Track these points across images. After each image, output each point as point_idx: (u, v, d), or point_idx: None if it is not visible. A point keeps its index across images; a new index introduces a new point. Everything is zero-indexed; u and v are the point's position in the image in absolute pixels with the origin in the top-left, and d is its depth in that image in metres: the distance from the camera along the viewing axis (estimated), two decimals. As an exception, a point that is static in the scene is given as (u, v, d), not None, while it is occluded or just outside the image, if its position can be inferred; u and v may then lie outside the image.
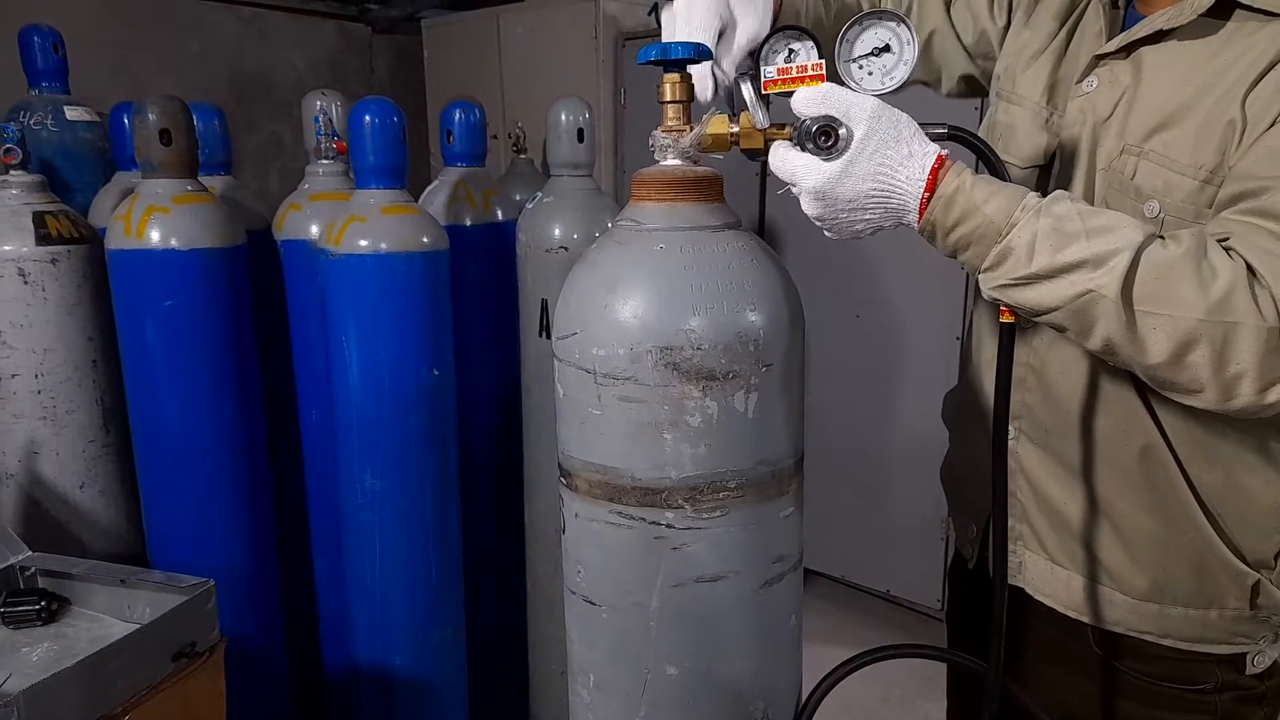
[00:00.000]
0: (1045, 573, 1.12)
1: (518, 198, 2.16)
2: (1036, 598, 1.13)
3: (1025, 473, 1.12)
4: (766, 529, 0.90)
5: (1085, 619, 1.09)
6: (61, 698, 1.11)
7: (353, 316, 1.70)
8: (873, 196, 0.88)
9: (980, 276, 0.91)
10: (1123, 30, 1.02)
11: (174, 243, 1.62)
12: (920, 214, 0.89)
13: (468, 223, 2.03)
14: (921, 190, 0.88)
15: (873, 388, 2.83)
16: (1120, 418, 1.02)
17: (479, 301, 2.05)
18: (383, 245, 1.65)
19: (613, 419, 0.86)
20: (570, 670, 0.98)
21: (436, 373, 1.76)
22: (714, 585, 0.88)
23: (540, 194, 1.92)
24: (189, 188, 1.66)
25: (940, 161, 0.88)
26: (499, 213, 2.08)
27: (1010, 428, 1.07)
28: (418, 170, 1.83)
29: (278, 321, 1.90)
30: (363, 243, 1.65)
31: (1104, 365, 1.01)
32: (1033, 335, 1.08)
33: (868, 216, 0.90)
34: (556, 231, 1.85)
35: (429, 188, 2.10)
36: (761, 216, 2.98)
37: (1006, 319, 0.94)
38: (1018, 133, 1.11)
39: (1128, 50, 1.00)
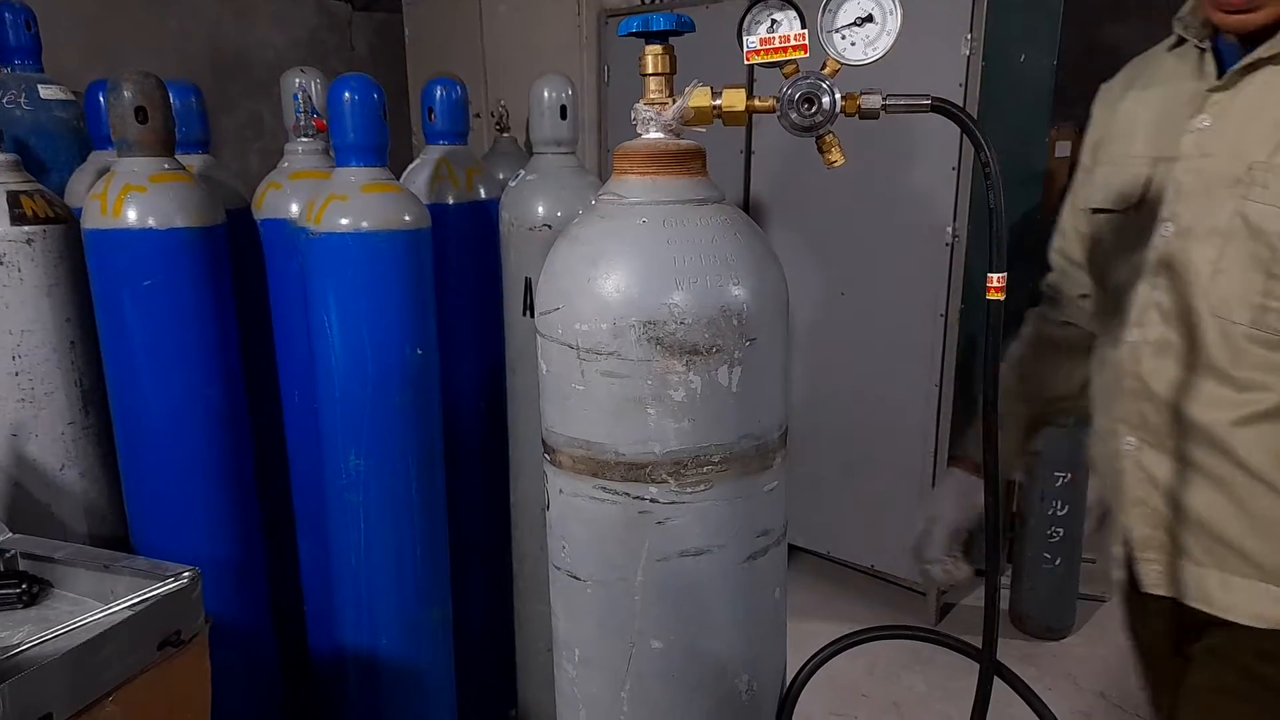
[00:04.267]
0: (1195, 578, 1.12)
1: (501, 176, 2.14)
2: (1193, 605, 1.13)
3: (1155, 481, 1.13)
4: (751, 503, 0.90)
5: (1243, 620, 1.08)
6: (47, 687, 1.10)
7: (334, 296, 1.69)
8: None
9: None
10: (1220, 66, 1.08)
11: (151, 222, 1.60)
12: None
13: (450, 201, 2.01)
14: None
15: (857, 365, 2.84)
16: (1225, 406, 1.05)
17: (462, 280, 2.04)
18: (364, 224, 1.64)
19: (596, 394, 0.85)
20: (555, 645, 0.98)
21: (420, 352, 1.75)
22: (698, 559, 0.88)
23: (523, 172, 1.91)
24: (166, 166, 1.64)
25: None
26: (482, 191, 2.06)
27: (1131, 438, 1.14)
28: (400, 152, 1.81)
29: (258, 301, 1.88)
30: (343, 221, 1.63)
31: (1197, 361, 1.06)
32: (1139, 345, 1.11)
33: None
34: (540, 209, 1.84)
35: (410, 166, 2.08)
36: (746, 192, 2.97)
37: (993, 295, 0.94)
38: (1112, 183, 1.17)
39: (1230, 83, 1.05)
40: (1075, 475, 2.64)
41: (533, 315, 1.82)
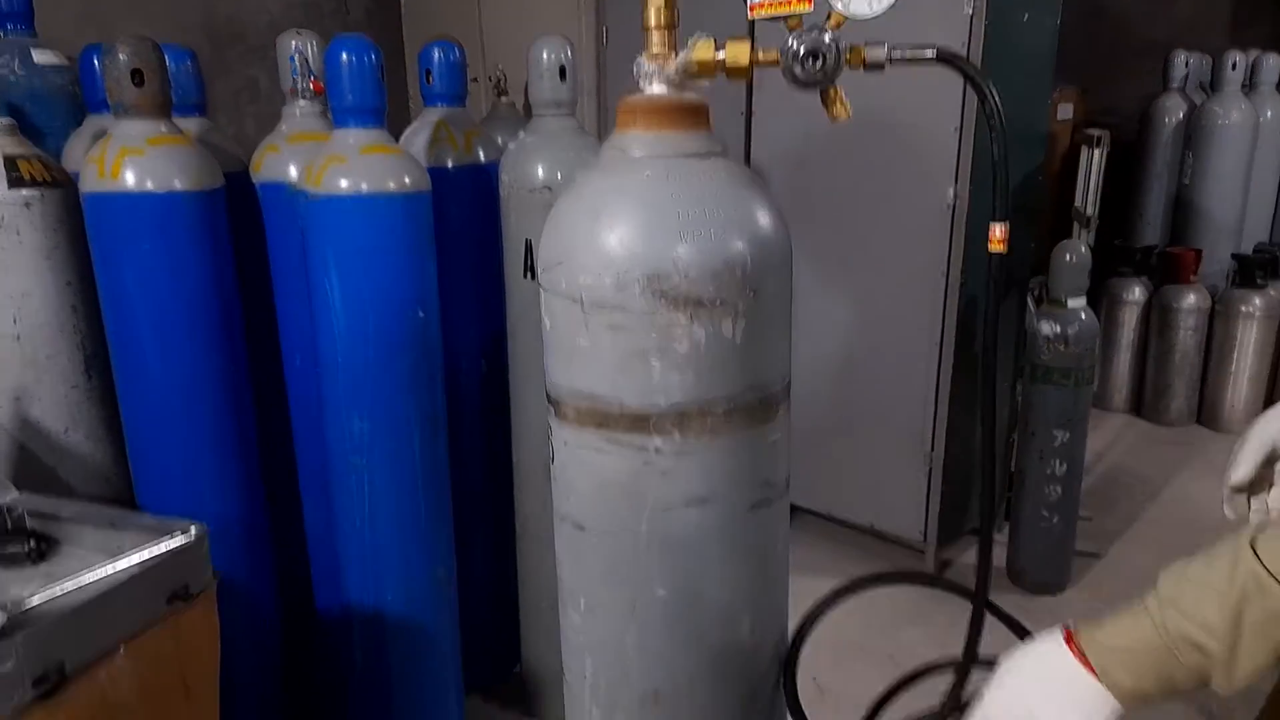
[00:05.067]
0: None
1: (500, 139, 2.13)
2: None
3: None
4: (754, 454, 0.91)
5: None
6: (59, 639, 1.12)
7: (335, 259, 1.69)
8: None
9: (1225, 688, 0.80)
10: None
11: (150, 185, 1.59)
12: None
13: (449, 164, 2.00)
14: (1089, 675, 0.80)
15: (858, 325, 2.84)
16: None
17: (463, 244, 2.04)
18: (363, 186, 1.63)
19: (601, 347, 0.86)
20: (560, 594, 1.00)
21: (422, 315, 1.75)
22: (702, 509, 0.89)
23: (523, 134, 1.90)
24: (163, 129, 1.63)
25: (1069, 636, 0.82)
26: (481, 154, 2.05)
27: None
28: (396, 116, 1.79)
29: (258, 265, 1.88)
30: (343, 183, 1.63)
31: None
32: None
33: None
34: (540, 171, 1.84)
35: (409, 129, 2.07)
36: (747, 153, 2.95)
37: (996, 248, 0.94)
38: None
39: None
40: (1073, 434, 2.65)
41: (533, 278, 1.82)
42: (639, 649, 0.92)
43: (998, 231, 0.91)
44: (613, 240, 0.83)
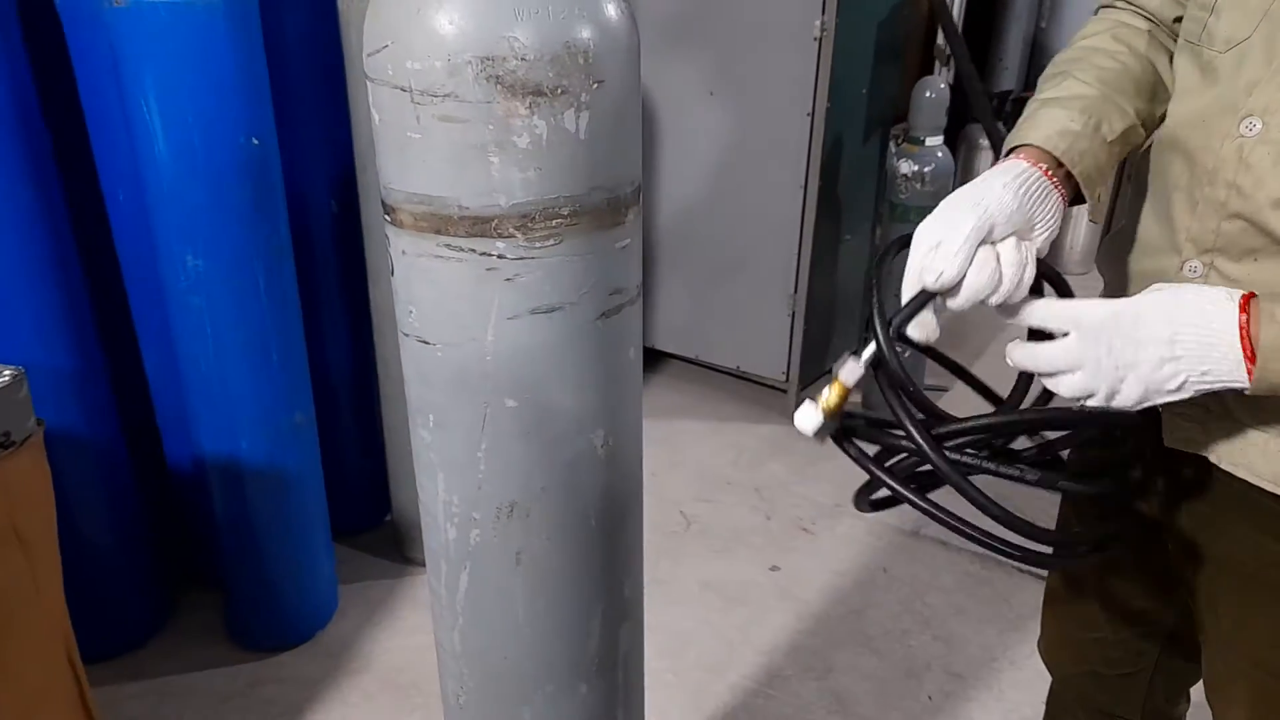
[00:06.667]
0: (1240, 442, 0.85)
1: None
2: (1230, 469, 0.87)
3: None
4: (603, 259, 0.88)
5: None
6: None
7: (151, 78, 1.52)
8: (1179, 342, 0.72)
9: None
10: None
11: (-85, -15, 1.38)
12: (1250, 372, 0.70)
13: (280, -27, 1.81)
14: (1237, 341, 0.70)
15: (724, 166, 2.81)
16: None
17: (301, 67, 1.87)
18: (176, -10, 1.46)
19: (434, 142, 0.80)
20: (410, 412, 0.97)
21: (256, 141, 1.61)
22: (550, 317, 0.86)
23: (360, -60, 1.73)
24: (-76, -84, 1.40)
25: (1246, 303, 0.71)
26: (316, -38, 1.87)
27: (1197, 262, 0.84)
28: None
29: (66, 90, 1.68)
30: (152, -13, 1.45)
31: None
32: (1254, 145, 0.77)
33: (1179, 368, 0.72)
34: (381, -18, 1.68)
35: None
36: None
37: None
38: None
39: None
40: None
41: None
42: (491, 461, 0.91)
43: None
44: (442, 19, 0.76)
